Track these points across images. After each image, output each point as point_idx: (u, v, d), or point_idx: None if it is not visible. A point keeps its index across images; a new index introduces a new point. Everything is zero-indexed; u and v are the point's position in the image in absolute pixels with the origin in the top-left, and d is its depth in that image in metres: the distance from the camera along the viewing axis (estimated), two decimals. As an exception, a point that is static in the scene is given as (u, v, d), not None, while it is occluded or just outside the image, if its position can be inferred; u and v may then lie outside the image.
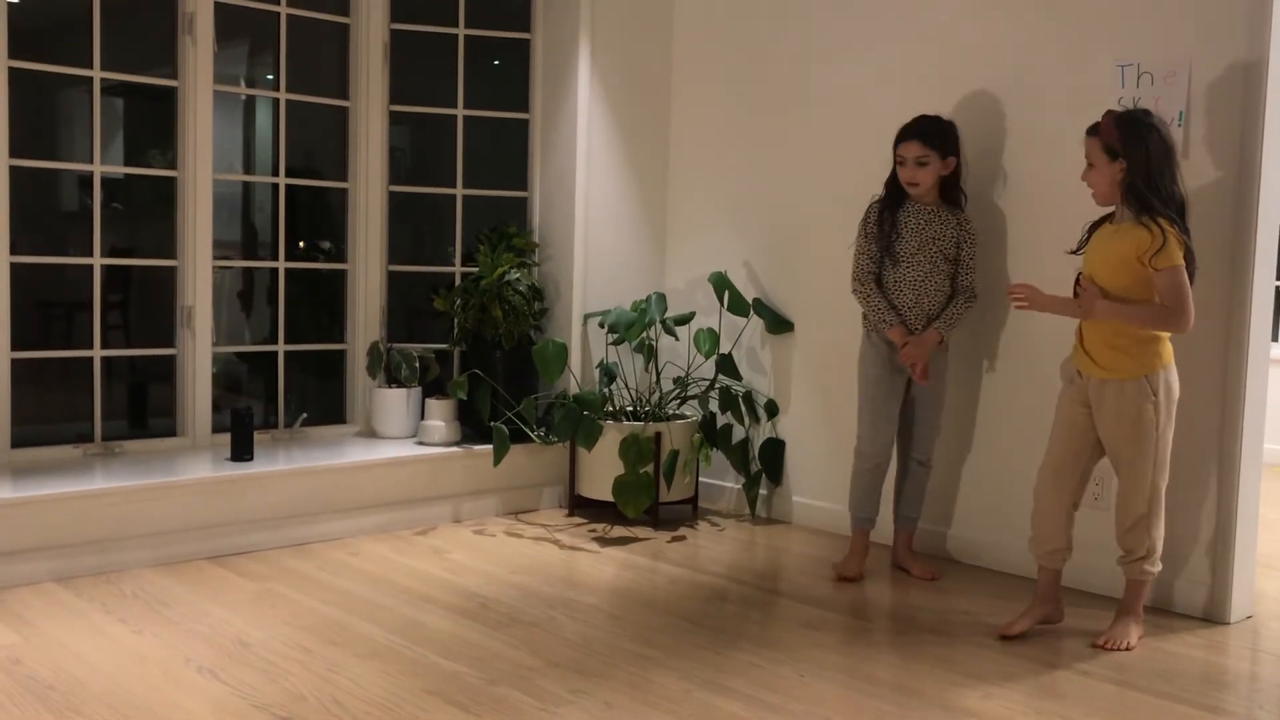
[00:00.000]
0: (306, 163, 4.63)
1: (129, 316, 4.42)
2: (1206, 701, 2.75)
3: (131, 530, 3.64)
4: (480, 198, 4.90)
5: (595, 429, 4.29)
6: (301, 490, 4.01)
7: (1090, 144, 3.11)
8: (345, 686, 2.71)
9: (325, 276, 4.74)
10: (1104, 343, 3.08)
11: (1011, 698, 2.74)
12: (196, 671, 2.78)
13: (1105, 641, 3.10)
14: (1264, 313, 3.32)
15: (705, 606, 3.42)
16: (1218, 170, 3.29)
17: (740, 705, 2.65)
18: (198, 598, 3.36)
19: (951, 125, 3.65)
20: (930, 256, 3.61)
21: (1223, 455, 3.33)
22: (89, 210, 4.12)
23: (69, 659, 2.85)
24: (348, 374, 4.74)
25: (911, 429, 3.76)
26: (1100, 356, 3.09)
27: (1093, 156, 3.10)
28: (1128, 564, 3.16)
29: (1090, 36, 3.56)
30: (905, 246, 3.61)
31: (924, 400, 3.73)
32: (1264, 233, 3.27)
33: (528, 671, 2.83)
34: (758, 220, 4.58)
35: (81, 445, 4.10)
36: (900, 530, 3.84)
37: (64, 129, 4.24)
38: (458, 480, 4.41)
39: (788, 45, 4.45)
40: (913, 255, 3.61)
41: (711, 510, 4.68)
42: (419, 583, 3.57)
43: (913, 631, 3.23)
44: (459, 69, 4.81)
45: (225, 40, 4.34)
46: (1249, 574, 3.40)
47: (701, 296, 4.65)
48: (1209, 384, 3.33)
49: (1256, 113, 3.22)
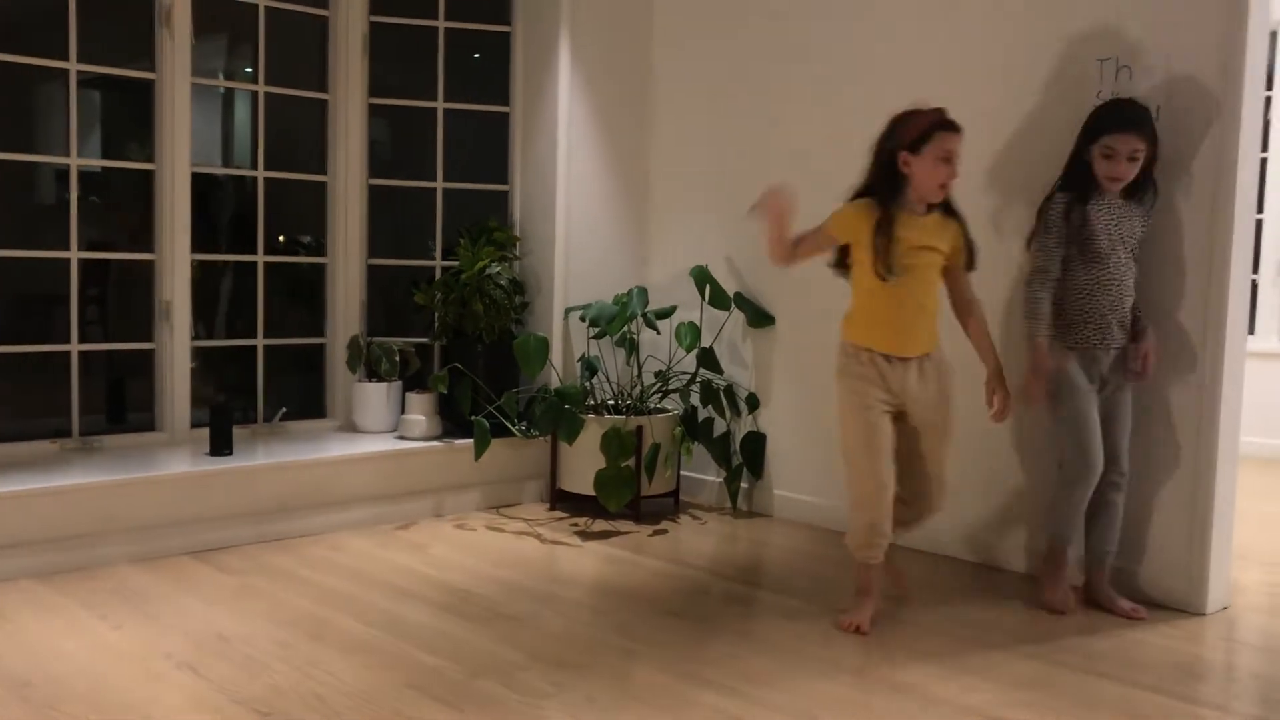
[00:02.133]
0: (286, 156, 4.60)
1: (107, 310, 4.39)
2: (1183, 692, 2.77)
3: (110, 526, 3.62)
4: (461, 191, 4.89)
5: (577, 423, 4.29)
6: (281, 485, 3.99)
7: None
8: (326, 681, 2.70)
9: (305, 270, 4.72)
10: (931, 321, 3.16)
11: (989, 688, 2.75)
12: (176, 667, 2.77)
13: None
14: (1240, 307, 3.34)
15: (687, 600, 3.42)
16: (1194, 164, 3.31)
17: (722, 697, 2.66)
18: (177, 593, 3.35)
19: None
20: (1124, 256, 3.26)
21: (1200, 448, 3.35)
22: (66, 203, 4.09)
23: (47, 655, 2.83)
24: (328, 368, 4.73)
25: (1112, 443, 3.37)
26: (929, 334, 3.17)
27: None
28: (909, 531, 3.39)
29: (1070, 30, 3.58)
30: (1100, 245, 3.24)
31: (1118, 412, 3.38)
32: (1240, 227, 3.29)
33: (509, 665, 2.83)
34: (739, 214, 4.58)
35: (59, 440, 4.07)
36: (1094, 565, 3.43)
37: (40, 122, 4.21)
38: (439, 475, 4.41)
39: (768, 40, 4.46)
40: (1107, 255, 3.24)
41: (693, 504, 4.69)
42: (400, 577, 3.56)
43: (891, 624, 3.24)
44: (439, 62, 4.80)
45: (203, 33, 4.31)
46: (1225, 566, 3.43)
47: (683, 290, 4.66)
48: (1186, 377, 3.35)
49: (1233, 106, 3.24)
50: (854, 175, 3.76)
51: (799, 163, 4.35)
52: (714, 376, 4.55)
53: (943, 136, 3.04)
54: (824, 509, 4.29)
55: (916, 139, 3.04)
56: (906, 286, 3.10)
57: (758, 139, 4.49)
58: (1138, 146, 3.19)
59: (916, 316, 3.13)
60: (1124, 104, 3.28)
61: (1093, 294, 3.26)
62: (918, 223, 3.10)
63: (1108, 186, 3.23)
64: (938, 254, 3.13)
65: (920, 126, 3.05)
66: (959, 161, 3.08)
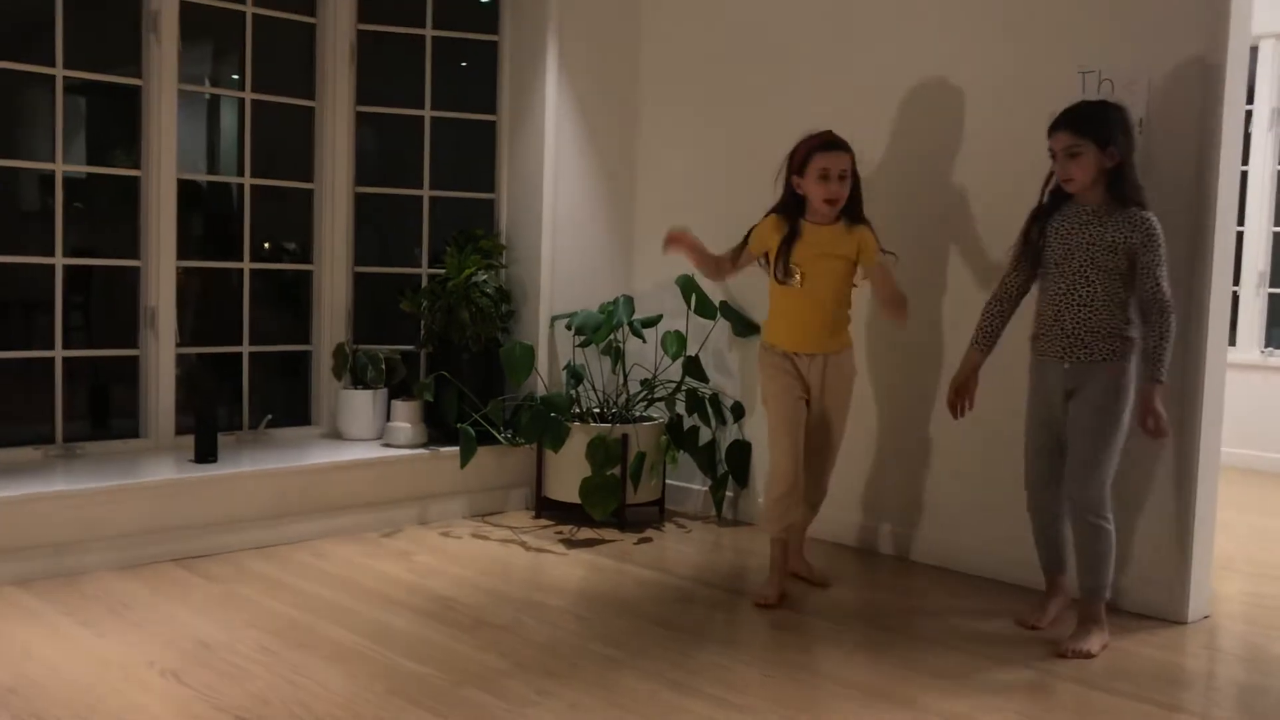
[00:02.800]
0: (271, 163, 4.60)
1: (91, 317, 4.37)
2: (1165, 700, 2.79)
3: (93, 532, 3.61)
4: (447, 199, 4.89)
5: (562, 431, 4.29)
6: (266, 492, 3.98)
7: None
8: (310, 689, 2.70)
9: (290, 277, 4.71)
10: (832, 321, 3.52)
11: (973, 698, 2.77)
12: (159, 674, 2.76)
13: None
14: (1221, 317, 3.37)
15: (672, 608, 3.43)
16: (1176, 177, 3.34)
17: (706, 706, 2.66)
18: (161, 600, 3.33)
19: (1110, 108, 3.18)
20: (1080, 264, 3.14)
21: (1180, 457, 3.38)
22: (51, 209, 4.08)
23: (29, 662, 2.82)
24: (313, 375, 4.72)
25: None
26: (831, 333, 3.52)
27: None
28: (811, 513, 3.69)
29: (1051, 43, 3.61)
30: (1052, 253, 3.19)
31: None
32: (1221, 239, 3.33)
33: (494, 673, 2.83)
34: (725, 223, 4.59)
35: (42, 447, 4.05)
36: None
37: (26, 127, 4.19)
38: (424, 482, 4.40)
39: (755, 47, 4.48)
40: (1060, 263, 3.17)
41: (678, 512, 4.70)
42: (385, 585, 3.56)
43: (877, 632, 3.25)
44: (427, 70, 4.80)
45: (190, 39, 4.30)
46: (1206, 575, 3.46)
47: (669, 299, 4.67)
48: (1168, 387, 3.37)
49: (1214, 120, 3.27)
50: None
51: (785, 173, 4.37)
52: (699, 385, 4.56)
53: (820, 156, 3.39)
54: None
55: (801, 162, 3.44)
56: (807, 289, 3.47)
57: (744, 147, 4.51)
58: (1074, 143, 3.09)
59: (814, 315, 3.49)
60: (1075, 103, 3.21)
61: (1041, 303, 3.25)
62: (820, 232, 3.46)
63: (1067, 189, 3.16)
64: (839, 259, 3.47)
65: (802, 151, 3.44)
66: (842, 178, 3.40)
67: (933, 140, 3.90)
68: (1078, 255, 3.13)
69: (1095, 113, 3.14)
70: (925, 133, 3.90)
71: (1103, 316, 3.13)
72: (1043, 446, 3.27)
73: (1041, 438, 3.27)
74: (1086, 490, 3.13)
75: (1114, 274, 3.11)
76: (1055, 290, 3.19)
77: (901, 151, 4.00)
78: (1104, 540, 3.14)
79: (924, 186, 3.93)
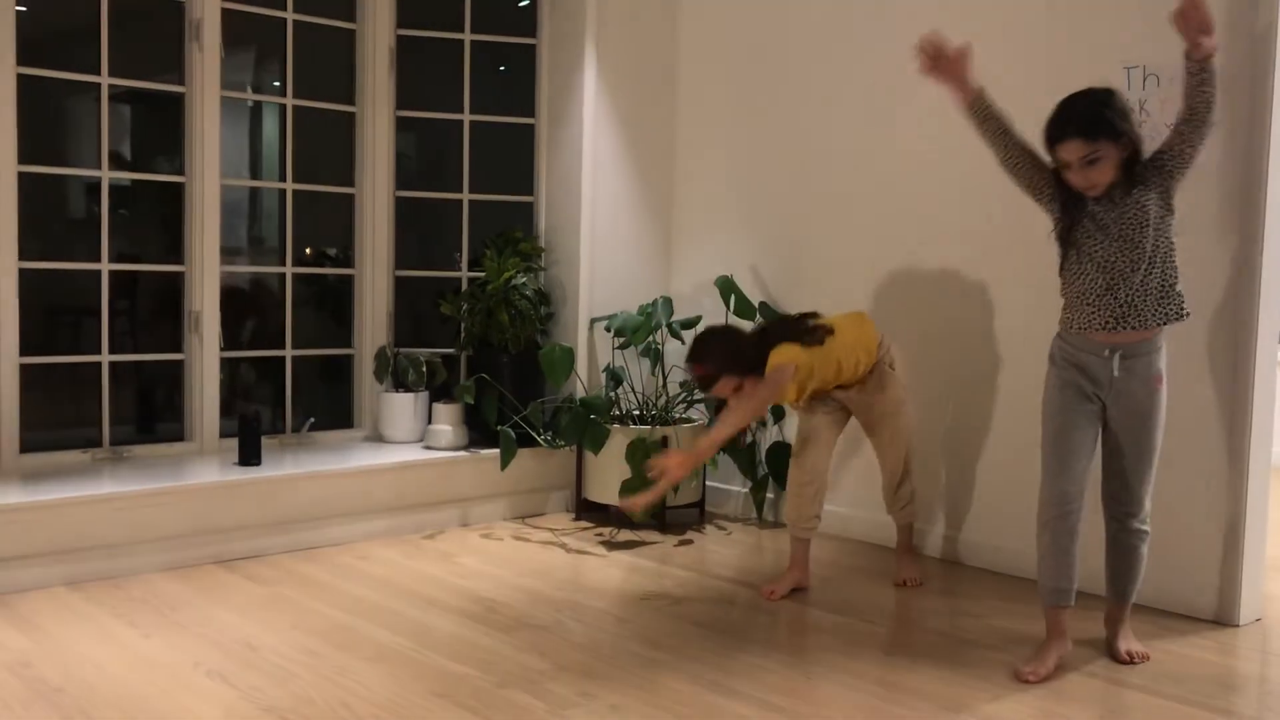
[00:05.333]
0: (312, 168, 4.64)
1: (137, 321, 4.43)
2: (1217, 704, 2.74)
3: (140, 535, 3.65)
4: (486, 203, 4.91)
5: (602, 433, 4.29)
6: (309, 495, 4.01)
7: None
8: (353, 689, 2.71)
9: (332, 282, 4.75)
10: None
11: (1020, 700, 2.73)
12: (205, 675, 2.79)
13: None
14: (1272, 315, 3.31)
15: (713, 610, 3.41)
16: (1224, 172, 3.29)
17: (748, 708, 2.65)
18: (206, 602, 3.37)
19: (1100, 97, 2.88)
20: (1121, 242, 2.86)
21: (1231, 458, 3.32)
22: (97, 216, 4.14)
23: (79, 663, 2.85)
24: (355, 379, 4.75)
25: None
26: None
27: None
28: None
29: (1096, 39, 3.56)
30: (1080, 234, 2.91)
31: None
32: (1271, 237, 3.26)
33: (536, 674, 2.83)
34: (764, 224, 4.58)
35: (90, 450, 4.11)
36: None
37: (72, 135, 4.26)
38: (465, 484, 4.42)
39: (794, 47, 4.46)
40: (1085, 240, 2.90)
41: (719, 514, 4.68)
42: (427, 587, 3.57)
43: (920, 634, 3.22)
44: (465, 74, 4.82)
45: (232, 47, 4.35)
46: (1258, 576, 3.39)
47: (707, 300, 4.65)
48: (1217, 387, 3.32)
49: (1263, 113, 3.22)
50: (886, 183, 3.77)
51: (825, 170, 4.34)
52: (739, 386, 4.53)
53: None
54: (850, 520, 4.27)
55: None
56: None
57: (783, 149, 4.49)
58: (1091, 150, 2.81)
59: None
60: (1065, 104, 2.90)
61: (1079, 283, 2.93)
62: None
63: (1090, 195, 2.87)
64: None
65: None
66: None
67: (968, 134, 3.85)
68: (1113, 230, 2.85)
69: (1096, 111, 2.84)
70: (964, 128, 3.85)
71: (1156, 276, 2.84)
72: (1080, 446, 2.92)
73: (1079, 435, 2.92)
74: (1147, 489, 2.94)
75: (1158, 228, 2.84)
76: (1100, 262, 2.87)
77: (953, 145, 3.95)
78: (1147, 544, 3.03)
79: (975, 180, 3.89)
